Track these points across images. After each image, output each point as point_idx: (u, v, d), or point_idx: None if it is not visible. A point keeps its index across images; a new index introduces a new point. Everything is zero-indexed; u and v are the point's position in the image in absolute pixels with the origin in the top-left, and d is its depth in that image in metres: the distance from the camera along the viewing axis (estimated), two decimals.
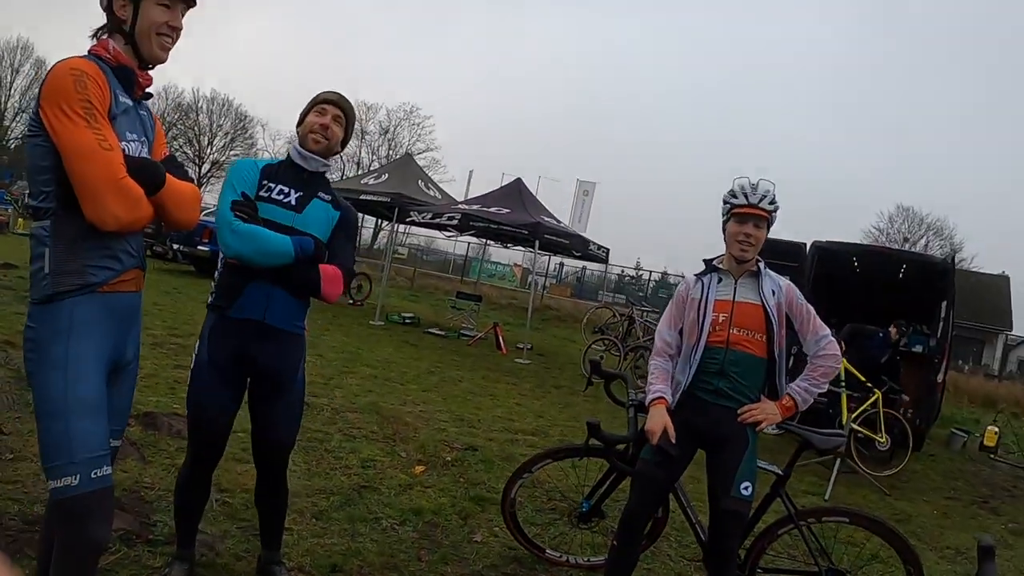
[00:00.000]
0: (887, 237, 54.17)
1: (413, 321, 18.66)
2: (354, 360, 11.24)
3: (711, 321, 3.92)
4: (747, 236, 3.90)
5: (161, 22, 2.68)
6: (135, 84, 2.72)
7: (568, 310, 29.99)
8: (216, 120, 68.96)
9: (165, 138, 3.05)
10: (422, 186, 20.61)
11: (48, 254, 2.53)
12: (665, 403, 3.92)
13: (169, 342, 9.30)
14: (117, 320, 2.68)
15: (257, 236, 3.21)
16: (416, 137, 67.04)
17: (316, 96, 3.61)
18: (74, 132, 2.42)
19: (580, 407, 10.92)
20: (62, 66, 2.50)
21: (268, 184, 3.43)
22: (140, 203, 2.55)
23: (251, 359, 3.38)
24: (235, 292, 3.34)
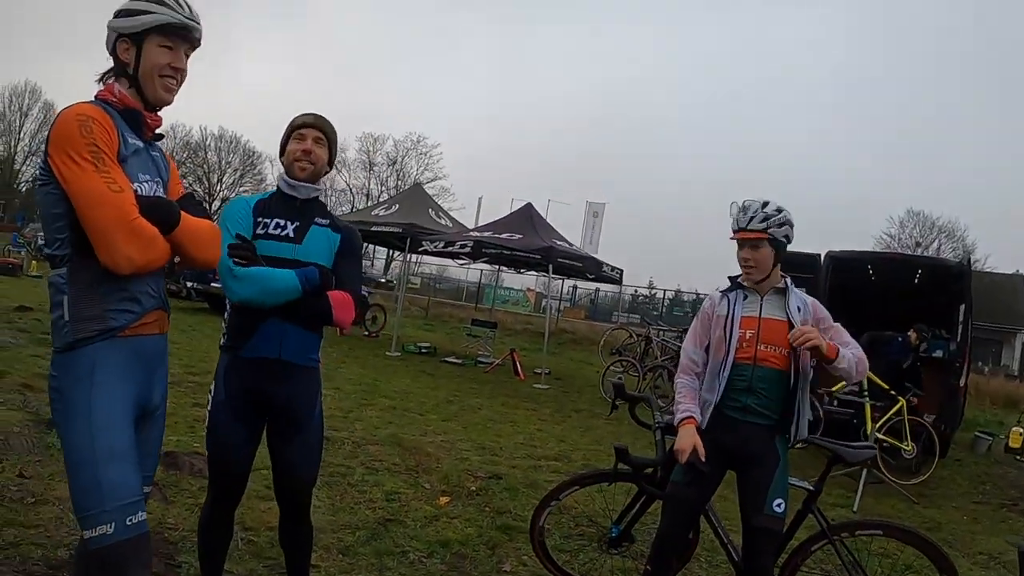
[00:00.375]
0: (899, 242, 53.93)
1: (429, 351, 18.63)
2: (372, 392, 11.21)
3: (738, 338, 3.89)
4: (746, 260, 3.90)
5: (163, 64, 2.66)
6: (144, 126, 2.70)
7: (584, 332, 29.92)
8: (225, 157, 69.71)
9: (179, 177, 3.02)
10: (433, 215, 20.67)
11: (67, 301, 2.50)
12: (695, 423, 3.88)
13: (187, 380, 9.28)
14: (142, 364, 2.64)
15: (260, 277, 3.16)
16: (424, 166, 67.48)
17: (292, 122, 3.54)
18: (82, 177, 2.40)
19: (602, 430, 10.86)
20: (67, 113, 2.48)
21: (263, 220, 3.37)
22: (154, 243, 2.51)
23: (268, 397, 3.34)
24: (247, 332, 3.29)
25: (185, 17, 2.67)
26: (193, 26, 2.70)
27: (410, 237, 18.31)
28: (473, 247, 17.40)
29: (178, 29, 2.67)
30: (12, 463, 5.34)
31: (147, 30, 2.63)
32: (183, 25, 2.67)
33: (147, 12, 2.63)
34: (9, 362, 8.71)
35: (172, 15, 2.64)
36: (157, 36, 2.65)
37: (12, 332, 11.48)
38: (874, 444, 8.37)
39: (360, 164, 68.50)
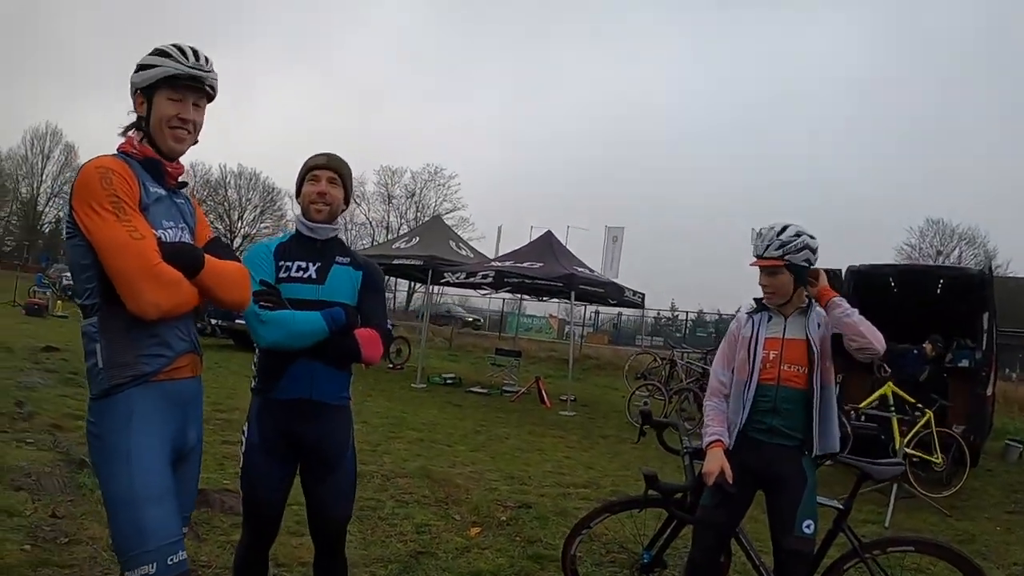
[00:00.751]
0: (920, 252, 53.56)
1: (455, 381, 18.66)
2: (399, 424, 11.25)
3: (761, 359, 3.92)
4: (764, 287, 3.96)
5: (171, 115, 2.71)
6: (165, 175, 2.76)
7: (608, 358, 29.84)
8: (244, 194, 70.47)
9: (207, 221, 3.08)
10: (453, 246, 20.76)
11: (99, 349, 2.55)
12: (722, 445, 3.90)
13: (214, 418, 9.32)
14: (176, 407, 2.68)
15: (287, 321, 3.20)
16: (443, 198, 67.73)
17: (305, 163, 3.58)
18: (104, 227, 2.46)
19: (629, 455, 10.84)
20: (88, 167, 2.56)
21: (285, 264, 3.41)
22: (179, 288, 2.56)
23: (301, 438, 3.35)
24: (277, 374, 3.32)
25: (190, 67, 2.71)
26: (200, 75, 2.74)
27: (431, 269, 18.40)
28: (495, 277, 17.46)
29: (184, 80, 2.71)
30: (45, 503, 5.40)
31: (156, 83, 2.70)
32: (188, 76, 2.71)
33: (155, 66, 2.70)
34: (38, 403, 8.83)
35: (177, 67, 2.69)
36: (165, 88, 2.71)
37: (40, 372, 11.59)
38: (903, 460, 8.31)
39: (379, 197, 68.96)
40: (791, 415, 3.86)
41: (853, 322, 3.76)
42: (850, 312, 3.79)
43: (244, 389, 12.17)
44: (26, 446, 6.88)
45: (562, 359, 25.58)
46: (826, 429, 3.88)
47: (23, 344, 15.07)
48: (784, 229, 3.90)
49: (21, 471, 5.90)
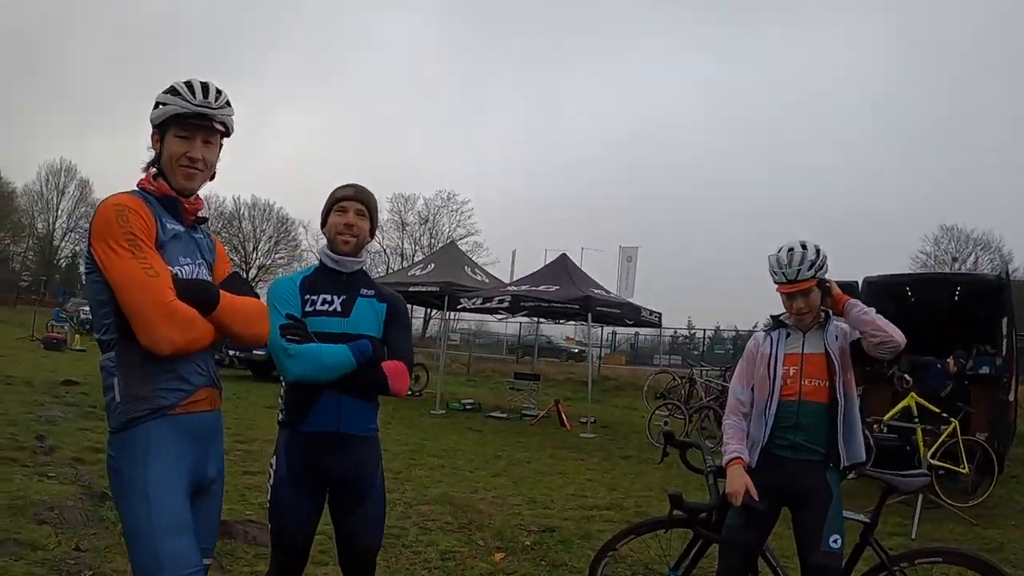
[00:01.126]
0: (935, 259, 53.07)
1: (474, 407, 18.66)
2: (420, 451, 11.25)
3: (782, 375, 3.92)
4: (800, 310, 3.95)
5: (180, 153, 2.74)
6: (182, 211, 2.79)
7: (626, 378, 29.74)
8: (259, 226, 70.92)
9: (227, 256, 3.12)
10: (468, 272, 20.80)
11: (117, 384, 2.59)
12: (742, 463, 3.89)
13: (235, 449, 9.34)
14: (194, 440, 2.70)
15: (314, 355, 3.21)
16: (456, 223, 67.83)
17: (332, 195, 3.59)
18: (120, 264, 2.50)
19: (652, 476, 10.79)
20: (106, 204, 2.60)
21: (310, 297, 3.42)
22: (193, 324, 2.59)
23: (330, 470, 3.36)
24: (305, 407, 3.32)
25: (196, 105, 2.73)
26: (207, 113, 2.75)
27: (447, 295, 18.45)
28: (511, 302, 17.50)
29: (191, 118, 2.74)
30: (68, 536, 5.41)
31: (166, 121, 2.74)
32: (195, 114, 2.73)
33: (165, 104, 2.74)
34: (59, 436, 8.90)
35: (183, 105, 2.72)
36: (174, 127, 2.74)
37: (60, 406, 11.67)
38: (928, 471, 8.25)
39: (393, 224, 69.10)
40: (814, 430, 3.85)
41: (871, 319, 3.76)
42: (867, 310, 3.81)
43: (264, 420, 12.29)
44: (48, 480, 6.91)
45: (581, 381, 25.48)
46: (852, 439, 3.88)
47: (42, 378, 15.25)
48: (805, 248, 3.90)
49: (44, 505, 5.92)
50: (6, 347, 24.73)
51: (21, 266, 74.82)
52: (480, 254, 60.35)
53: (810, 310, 3.92)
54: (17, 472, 7.04)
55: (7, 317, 43.71)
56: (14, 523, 5.46)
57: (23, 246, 74.93)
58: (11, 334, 31.09)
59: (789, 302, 3.94)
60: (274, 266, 70.98)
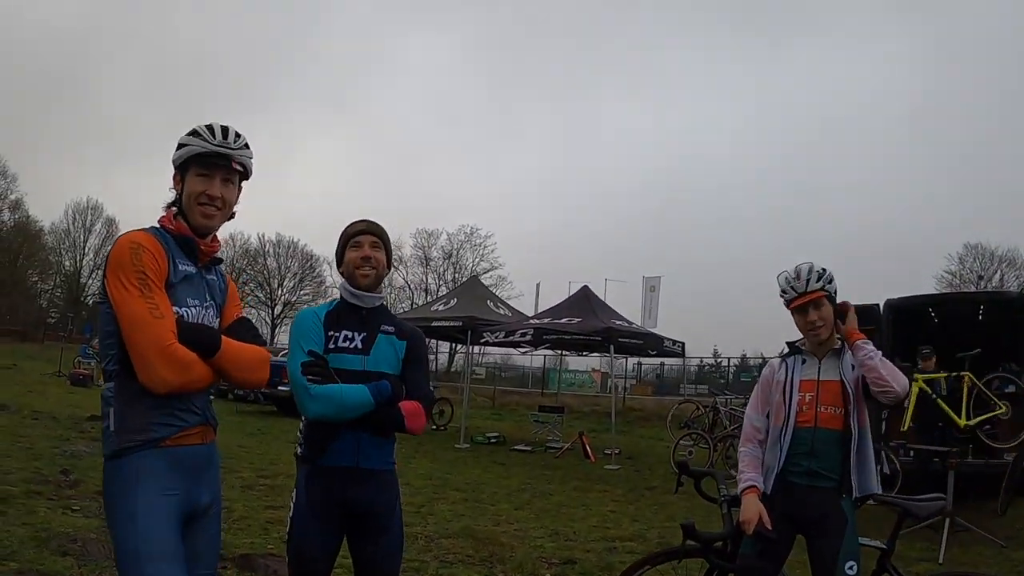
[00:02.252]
0: (960, 279, 52.52)
1: (498, 440, 18.66)
2: (443, 485, 11.24)
3: (797, 402, 3.92)
4: (812, 323, 3.92)
5: (198, 192, 2.81)
6: (197, 252, 2.86)
7: (652, 408, 29.67)
8: (284, 263, 71.40)
9: (239, 299, 3.19)
10: (491, 306, 20.87)
11: (112, 413, 2.67)
12: (757, 491, 3.89)
13: (258, 484, 9.40)
14: (185, 472, 2.75)
15: (335, 396, 3.26)
16: (479, 258, 67.92)
17: (344, 231, 3.65)
18: (128, 301, 2.58)
19: (676, 506, 10.71)
20: (122, 240, 2.70)
21: (333, 334, 3.47)
22: (190, 368, 2.65)
23: (349, 504, 3.39)
24: (324, 443, 3.37)
25: (216, 145, 2.81)
26: (227, 152, 2.83)
27: (471, 330, 18.51)
28: (534, 335, 17.57)
29: (211, 158, 2.82)
30: (90, 568, 5.47)
31: (187, 161, 2.83)
32: (214, 153, 2.81)
33: (185, 145, 2.83)
34: (84, 471, 8.98)
35: (203, 144, 2.81)
36: (195, 166, 2.83)
37: (86, 441, 11.81)
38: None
39: (417, 260, 69.35)
40: (829, 457, 3.84)
41: (875, 364, 3.75)
42: (873, 355, 3.79)
43: (287, 455, 12.30)
44: (72, 513, 7.02)
45: (605, 413, 25.44)
46: (864, 470, 3.86)
47: (68, 413, 15.45)
48: (812, 266, 3.94)
49: (67, 537, 5.99)
50: (34, 383, 25.07)
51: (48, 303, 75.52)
52: (504, 288, 60.53)
53: (824, 324, 3.92)
54: (42, 505, 7.14)
55: (35, 353, 44.21)
56: (38, 555, 5.54)
57: (50, 283, 75.78)
58: (39, 370, 31.48)
59: (802, 317, 3.94)
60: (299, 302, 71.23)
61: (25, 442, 11.07)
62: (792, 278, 3.96)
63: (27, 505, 7.04)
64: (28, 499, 7.27)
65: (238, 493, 8.67)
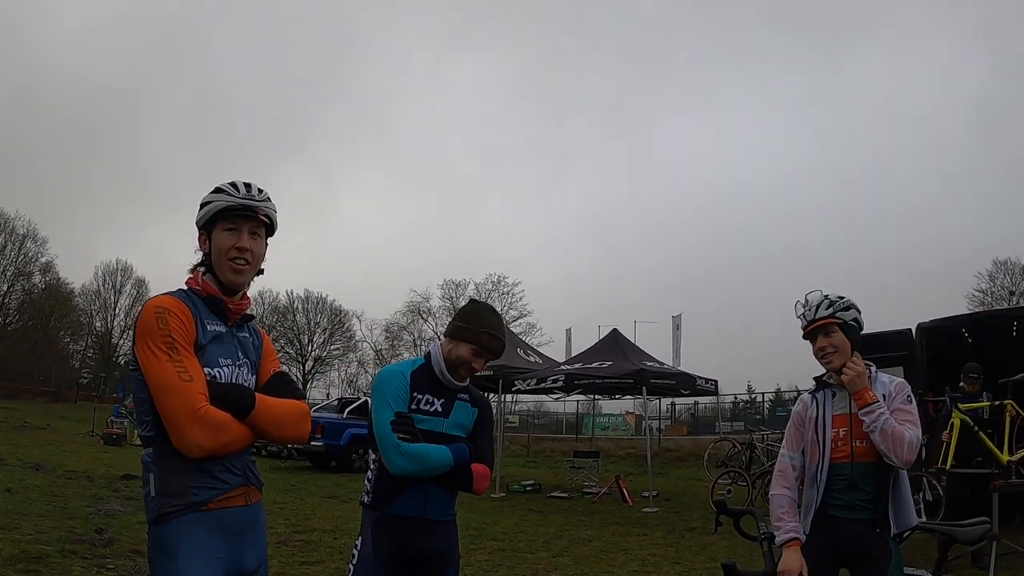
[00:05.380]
0: (992, 296, 51.76)
1: (534, 488, 18.57)
2: (480, 535, 11.16)
3: (832, 438, 3.88)
4: (822, 350, 3.91)
5: (228, 246, 2.84)
6: (227, 311, 2.89)
7: (688, 448, 29.47)
8: (313, 318, 71.94)
9: (275, 354, 3.20)
10: (522, 354, 20.87)
11: (152, 478, 2.68)
12: (799, 544, 3.84)
13: (294, 539, 9.35)
14: (228, 534, 2.75)
15: (423, 456, 3.42)
16: (508, 306, 67.90)
17: (479, 330, 3.70)
18: (157, 367, 2.61)
19: (717, 547, 10.59)
20: (148, 306, 2.73)
21: (417, 396, 3.60)
22: (224, 430, 2.67)
23: (415, 552, 3.51)
24: (394, 492, 3.50)
25: (241, 198, 2.86)
26: (252, 205, 2.87)
27: (502, 379, 18.50)
28: (565, 380, 17.59)
29: (237, 211, 2.86)
30: None
31: (213, 218, 2.86)
32: (240, 206, 2.85)
33: (210, 203, 2.87)
34: (119, 529, 9.03)
35: (227, 199, 2.85)
36: (221, 221, 2.86)
37: (120, 500, 11.86)
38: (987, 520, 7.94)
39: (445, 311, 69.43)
40: (870, 490, 3.80)
41: (879, 431, 3.69)
42: (876, 426, 3.70)
43: (323, 510, 12.35)
44: (107, 572, 7.06)
45: (641, 455, 25.30)
46: (901, 504, 3.82)
47: (102, 472, 15.56)
48: (821, 293, 3.95)
49: None
50: (67, 442, 25.25)
51: (81, 363, 76.27)
52: (533, 335, 60.54)
53: (836, 349, 3.89)
54: (76, 564, 7.19)
55: (68, 413, 44.55)
56: None
57: (82, 344, 76.84)
58: (72, 429, 31.68)
59: (814, 346, 3.94)
60: (330, 357, 71.76)
61: (60, 501, 11.14)
62: (803, 307, 3.99)
63: (62, 564, 7.10)
64: (63, 558, 7.32)
65: (273, 549, 8.65)
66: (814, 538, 3.83)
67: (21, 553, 7.16)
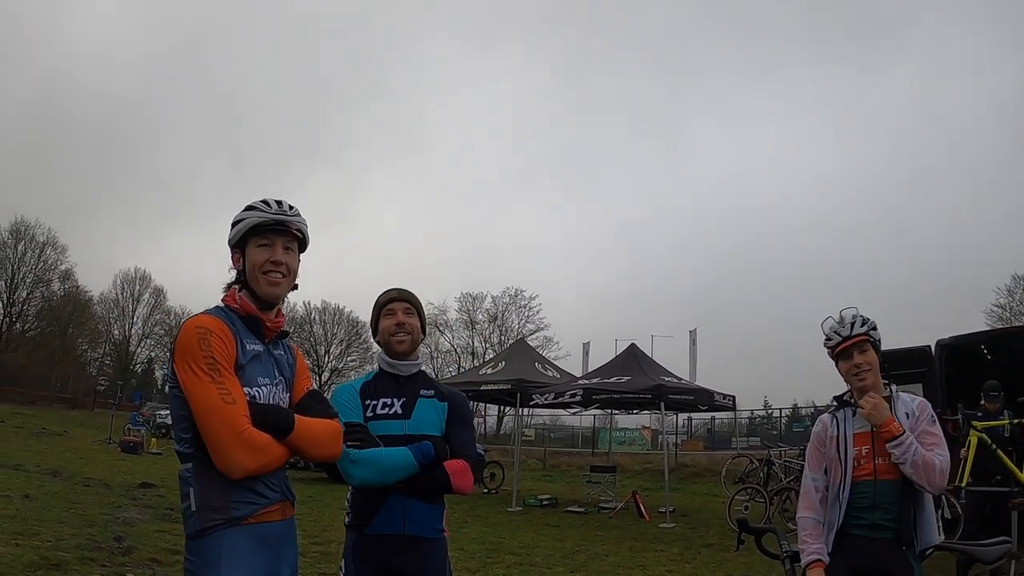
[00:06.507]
0: (1011, 311, 51.26)
1: (551, 502, 18.54)
2: (497, 549, 11.14)
3: (854, 456, 3.86)
4: (857, 367, 3.89)
5: (263, 260, 2.88)
6: (264, 329, 2.91)
7: (704, 464, 29.36)
8: (330, 329, 72.31)
9: (308, 372, 3.22)
10: (539, 368, 20.87)
11: (193, 493, 2.68)
12: (823, 566, 3.81)
13: (311, 551, 9.40)
14: (267, 548, 2.77)
15: (375, 460, 3.27)
16: (525, 319, 67.93)
17: (376, 303, 3.71)
18: (199, 388, 2.62)
19: (733, 564, 10.53)
20: (189, 324, 2.73)
21: (371, 402, 3.51)
22: (265, 451, 2.68)
23: (396, 572, 3.37)
24: (371, 510, 3.38)
25: (274, 214, 2.89)
26: (285, 220, 2.91)
27: (519, 392, 18.49)
28: (583, 395, 17.54)
29: (270, 226, 2.89)
30: None
31: (246, 235, 2.89)
32: (273, 221, 2.89)
33: (243, 220, 2.90)
34: (137, 538, 9.07)
35: (260, 215, 2.89)
36: (254, 237, 2.89)
37: (138, 508, 11.95)
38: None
39: (462, 324, 69.52)
40: (893, 508, 3.78)
41: (907, 470, 3.68)
42: (904, 459, 3.68)
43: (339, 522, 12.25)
44: None
45: (658, 470, 25.22)
46: (924, 522, 3.80)
47: (120, 480, 15.67)
48: (856, 311, 3.94)
49: None
50: (85, 450, 25.45)
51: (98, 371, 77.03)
52: (551, 349, 60.53)
53: (871, 367, 3.87)
54: (95, 572, 7.24)
55: (85, 420, 44.82)
56: None
57: (100, 352, 77.65)
58: (90, 437, 31.88)
59: (847, 362, 3.90)
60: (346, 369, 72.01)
61: (78, 509, 11.21)
62: (836, 324, 3.95)
63: (81, 571, 7.15)
64: (82, 565, 7.37)
65: None
66: (837, 558, 3.80)
67: (41, 560, 7.21)
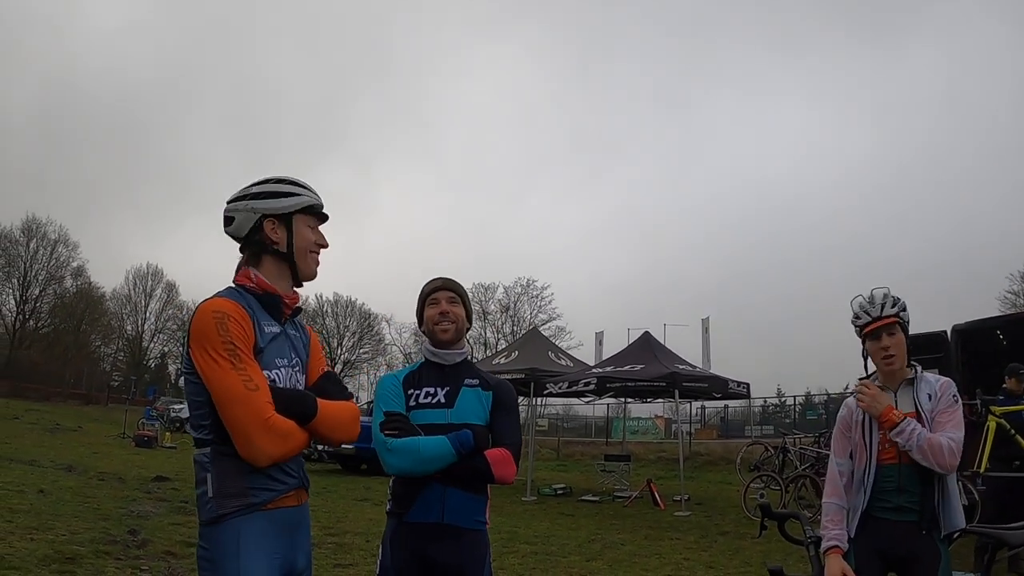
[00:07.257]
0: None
1: (565, 491, 18.55)
2: (512, 539, 11.10)
3: (879, 440, 3.79)
4: (886, 348, 3.80)
5: (313, 241, 2.91)
6: (282, 308, 2.87)
7: (718, 452, 29.31)
8: (342, 322, 72.51)
9: (322, 352, 3.17)
10: (552, 357, 20.86)
11: (210, 479, 2.62)
12: (840, 552, 3.76)
13: (326, 542, 9.32)
14: (283, 534, 2.72)
15: (412, 448, 3.21)
16: (537, 309, 67.99)
17: (422, 290, 3.67)
18: (220, 375, 2.55)
19: (750, 551, 10.51)
20: (205, 308, 2.65)
21: (414, 392, 3.46)
22: (290, 437, 2.64)
23: (432, 561, 3.31)
24: (411, 497, 3.32)
25: (320, 201, 2.95)
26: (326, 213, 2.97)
27: (533, 382, 18.46)
28: (597, 384, 17.51)
29: (319, 210, 2.94)
30: None
31: (296, 211, 2.86)
32: (322, 206, 2.95)
33: (294, 194, 2.87)
34: (152, 531, 9.06)
35: (314, 198, 2.92)
36: (304, 216, 2.89)
37: (152, 502, 11.97)
38: None
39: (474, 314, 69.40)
40: (917, 492, 3.72)
41: (915, 457, 3.62)
42: (909, 446, 3.62)
43: (354, 513, 12.37)
44: (141, 572, 7.09)
45: (672, 459, 25.19)
46: (948, 506, 3.73)
47: (134, 474, 15.76)
48: (887, 291, 3.85)
49: None
50: (99, 444, 25.63)
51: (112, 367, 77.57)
52: (563, 338, 60.59)
53: (897, 351, 3.80)
54: (110, 565, 7.23)
55: (99, 416, 45.08)
56: None
57: (113, 347, 78.38)
58: (103, 432, 32.11)
59: (875, 343, 3.82)
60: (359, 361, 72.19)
61: (93, 503, 11.24)
62: (867, 303, 3.86)
63: (96, 565, 7.14)
64: (97, 559, 7.36)
65: None
66: (861, 542, 3.75)
67: (55, 553, 7.20)
